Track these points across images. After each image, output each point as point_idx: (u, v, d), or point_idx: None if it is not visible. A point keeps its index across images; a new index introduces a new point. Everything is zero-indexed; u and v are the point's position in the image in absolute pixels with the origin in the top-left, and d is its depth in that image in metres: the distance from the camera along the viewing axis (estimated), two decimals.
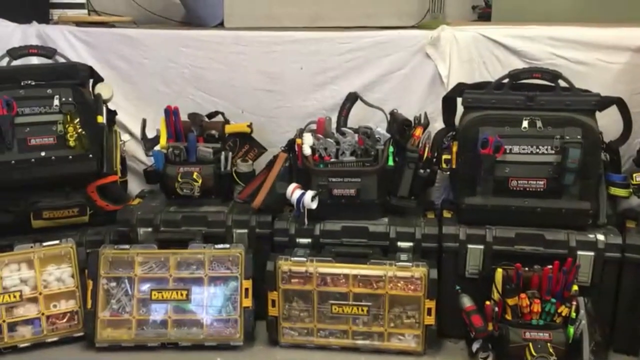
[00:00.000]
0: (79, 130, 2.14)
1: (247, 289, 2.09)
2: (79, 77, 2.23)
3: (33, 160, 2.11)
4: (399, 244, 2.10)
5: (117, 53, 2.54)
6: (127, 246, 2.14)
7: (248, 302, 2.09)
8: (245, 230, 2.19)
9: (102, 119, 2.22)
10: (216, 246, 2.12)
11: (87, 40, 2.54)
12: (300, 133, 2.20)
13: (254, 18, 2.56)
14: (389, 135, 2.14)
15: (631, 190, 2.03)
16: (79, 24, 2.65)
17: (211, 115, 2.44)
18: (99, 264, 2.11)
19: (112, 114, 2.32)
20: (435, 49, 2.33)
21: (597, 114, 2.03)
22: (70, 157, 2.15)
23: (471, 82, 2.19)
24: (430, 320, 2.02)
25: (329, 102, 2.44)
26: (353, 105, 2.29)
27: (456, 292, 2.06)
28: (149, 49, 2.53)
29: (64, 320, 2.15)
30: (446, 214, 2.18)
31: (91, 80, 2.29)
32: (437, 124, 2.28)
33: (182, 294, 2.10)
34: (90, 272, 2.11)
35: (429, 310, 2.02)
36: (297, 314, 2.10)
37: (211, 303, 2.11)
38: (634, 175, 2.00)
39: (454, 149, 2.09)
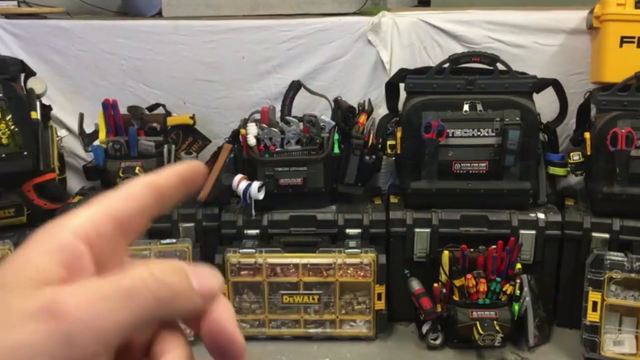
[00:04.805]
0: (12, 127, 2.06)
1: None
2: (10, 71, 2.13)
3: None
4: (347, 230, 2.11)
5: (50, 46, 2.44)
6: None
7: None
8: (192, 224, 2.15)
9: (36, 115, 2.13)
10: (162, 241, 2.08)
11: (18, 33, 2.43)
12: (244, 123, 2.17)
13: (193, 7, 2.50)
14: (333, 123, 2.14)
15: (569, 169, 2.09)
16: (9, 15, 2.53)
17: (152, 107, 2.38)
18: None
19: (46, 109, 2.23)
20: (377, 35, 2.34)
21: (535, 95, 2.08)
22: (4, 155, 2.06)
23: (413, 67, 2.21)
24: (380, 305, 2.05)
25: (272, 91, 2.42)
26: (297, 94, 2.27)
27: (405, 276, 2.08)
28: (83, 41, 2.44)
29: None
30: (393, 199, 2.20)
31: (22, 75, 2.20)
32: (381, 110, 2.29)
33: None
34: None
35: (379, 295, 2.04)
36: (248, 306, 2.09)
37: None
38: (571, 154, 2.06)
39: (398, 134, 2.11)
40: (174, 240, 2.09)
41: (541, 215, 2.06)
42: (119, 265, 0.28)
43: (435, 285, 1.98)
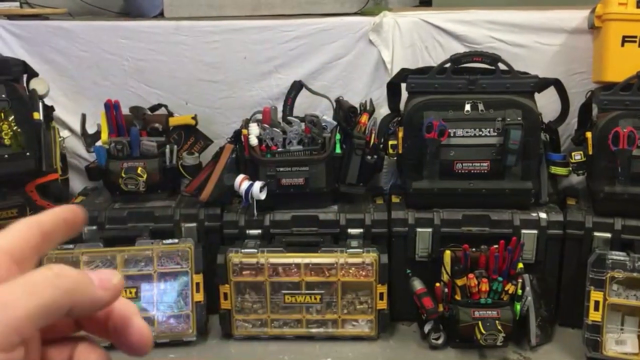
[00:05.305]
0: (14, 127, 2.06)
1: (198, 284, 2.06)
2: (12, 72, 2.14)
3: None
4: (349, 230, 2.11)
5: (52, 46, 2.45)
6: (71, 246, 2.07)
7: (200, 297, 2.07)
8: (194, 224, 2.16)
9: (38, 116, 2.13)
10: (164, 241, 2.08)
11: (20, 34, 2.44)
12: (246, 123, 2.17)
13: (195, 7, 2.51)
14: (335, 123, 2.14)
15: (570, 168, 2.09)
16: (11, 16, 2.54)
17: (154, 108, 2.38)
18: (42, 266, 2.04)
19: (49, 110, 2.24)
20: (378, 35, 2.34)
21: (536, 95, 2.08)
22: (6, 155, 2.06)
23: (414, 67, 2.21)
24: (382, 304, 2.05)
25: (274, 91, 2.42)
26: (298, 94, 2.27)
27: (407, 275, 2.09)
28: (85, 42, 2.44)
29: None
30: (395, 199, 2.21)
31: (25, 76, 2.20)
32: (383, 110, 2.29)
33: (130, 292, 2.05)
34: None
35: (381, 295, 2.04)
36: (250, 306, 2.09)
37: (162, 299, 2.07)
38: (573, 154, 2.06)
39: (400, 134, 2.11)
40: (176, 241, 2.09)
41: (543, 215, 2.06)
42: None
43: (437, 285, 1.98)
